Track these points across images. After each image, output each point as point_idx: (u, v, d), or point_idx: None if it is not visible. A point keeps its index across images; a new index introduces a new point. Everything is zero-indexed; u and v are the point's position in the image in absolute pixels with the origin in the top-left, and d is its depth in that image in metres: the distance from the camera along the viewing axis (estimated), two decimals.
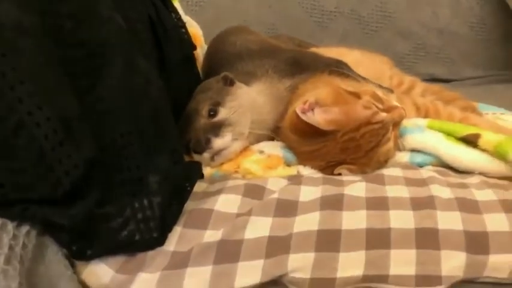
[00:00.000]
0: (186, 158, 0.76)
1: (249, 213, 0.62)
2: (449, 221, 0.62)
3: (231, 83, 0.82)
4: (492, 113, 1.12)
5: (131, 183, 0.56)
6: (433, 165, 0.79)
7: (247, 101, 0.80)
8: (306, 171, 0.77)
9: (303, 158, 0.79)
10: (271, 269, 0.57)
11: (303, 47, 1.27)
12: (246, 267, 0.57)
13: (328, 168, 0.76)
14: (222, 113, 0.77)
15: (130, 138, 0.56)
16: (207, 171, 0.75)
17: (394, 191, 0.66)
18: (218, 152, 0.74)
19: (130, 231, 0.55)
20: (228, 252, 0.58)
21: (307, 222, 0.61)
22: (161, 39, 0.81)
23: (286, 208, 0.63)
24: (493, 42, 1.72)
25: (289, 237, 0.59)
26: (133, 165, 0.56)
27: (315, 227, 0.60)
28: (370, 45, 1.68)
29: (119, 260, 0.57)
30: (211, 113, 0.77)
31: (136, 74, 0.58)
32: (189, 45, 1.04)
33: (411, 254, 0.59)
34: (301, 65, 0.92)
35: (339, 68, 0.93)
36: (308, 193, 0.66)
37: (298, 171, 0.77)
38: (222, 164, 0.76)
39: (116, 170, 0.55)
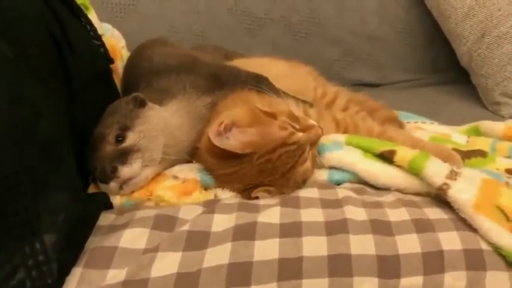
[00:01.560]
0: (93, 188, 0.72)
1: (156, 248, 0.59)
2: (362, 245, 0.61)
3: (142, 104, 0.78)
4: (414, 121, 1.14)
5: (20, 227, 0.51)
6: (351, 182, 0.79)
7: (160, 123, 0.76)
8: (225, 194, 0.75)
9: (221, 181, 0.76)
10: None
11: (230, 58, 1.25)
12: None
13: (247, 190, 0.74)
14: (130, 138, 0.73)
15: (17, 179, 0.51)
16: (116, 200, 0.71)
17: (309, 215, 0.65)
18: (126, 181, 0.70)
19: (19, 280, 0.50)
20: None
21: (218, 255, 0.58)
22: (66, 59, 0.76)
23: (197, 240, 0.60)
24: (419, 47, 1.77)
25: (198, 273, 0.56)
26: (22, 208, 0.51)
27: (225, 260, 0.58)
28: (300, 52, 1.69)
29: None
30: (119, 138, 0.72)
31: (22, 106, 0.53)
32: (105, 60, 1.00)
33: (323, 283, 0.58)
34: (220, 81, 0.90)
35: (258, 84, 0.92)
36: (221, 222, 0.63)
37: (215, 195, 0.74)
38: (132, 192, 0.72)
39: (1, 215, 0.50)
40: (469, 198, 0.68)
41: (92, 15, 1.11)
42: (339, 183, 0.79)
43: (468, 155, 0.91)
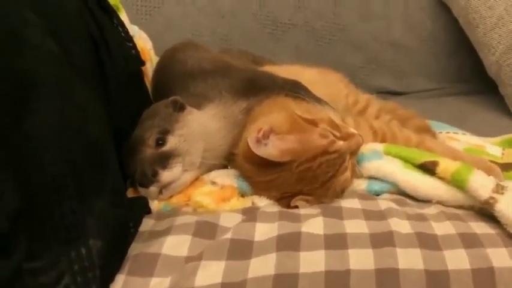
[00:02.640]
0: (131, 192, 0.70)
1: (200, 257, 0.57)
2: (410, 259, 0.59)
3: (181, 108, 0.77)
4: (446, 132, 1.12)
5: (66, 231, 0.50)
6: (390, 193, 0.77)
7: (199, 127, 0.75)
8: (262, 202, 0.73)
9: (258, 188, 0.74)
10: None
11: (256, 62, 1.24)
12: None
13: (284, 199, 0.73)
14: (171, 142, 0.72)
15: (64, 181, 0.50)
16: (154, 204, 0.69)
17: (353, 226, 0.63)
18: (166, 186, 0.69)
19: (65, 286, 0.49)
20: None
21: (263, 265, 0.57)
22: (103, 60, 0.75)
23: (240, 249, 0.58)
24: (443, 55, 1.75)
25: (244, 283, 0.55)
26: (68, 210, 0.50)
27: (271, 271, 0.56)
28: (324, 58, 1.68)
29: None
30: (159, 142, 0.71)
31: (71, 106, 0.52)
32: (137, 61, 0.99)
33: None
34: (256, 86, 0.88)
35: (296, 90, 0.90)
36: (263, 231, 0.61)
37: (253, 203, 0.73)
38: (170, 196, 0.70)
39: (47, 217, 0.49)
40: None
41: (123, 16, 1.10)
42: (377, 194, 0.77)
43: (505, 168, 0.88)
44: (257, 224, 0.63)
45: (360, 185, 0.78)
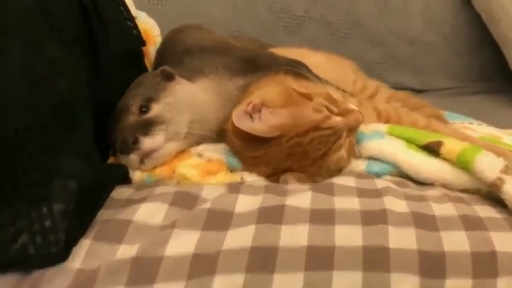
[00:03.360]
0: (113, 161, 0.67)
1: (173, 225, 0.53)
2: (402, 238, 0.54)
3: (170, 78, 0.73)
4: (460, 122, 1.06)
5: (27, 188, 0.47)
6: (391, 175, 0.72)
7: (187, 98, 0.72)
8: (251, 178, 0.69)
9: (247, 164, 0.71)
10: None
11: (265, 49, 1.20)
12: None
13: (275, 175, 0.69)
14: (155, 110, 0.68)
15: (28, 134, 0.47)
16: (136, 175, 0.66)
17: (343, 203, 0.58)
18: (148, 154, 0.65)
19: (22, 244, 0.46)
20: (143, 272, 0.49)
21: (240, 237, 0.52)
22: (95, 30, 0.73)
23: (218, 220, 0.54)
24: (465, 53, 1.68)
25: (217, 254, 0.51)
26: (31, 167, 0.47)
27: (248, 243, 0.52)
28: (339, 53, 1.61)
29: (10, 279, 0.48)
30: (143, 109, 0.68)
31: (40, 60, 0.49)
32: (137, 41, 0.96)
33: (357, 276, 0.51)
34: (255, 64, 0.85)
35: (296, 68, 0.86)
36: (246, 203, 0.57)
37: (241, 178, 0.69)
38: (154, 168, 0.67)
39: (8, 172, 0.46)
40: None
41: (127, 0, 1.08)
42: (377, 176, 0.72)
43: None
44: (240, 196, 0.58)
45: (359, 165, 0.73)
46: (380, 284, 0.51)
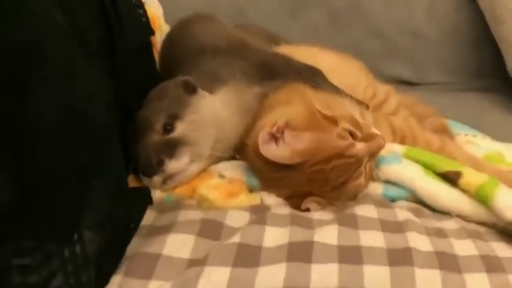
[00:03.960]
0: (132, 179, 0.65)
1: (204, 261, 0.52)
2: (428, 281, 0.55)
3: (193, 91, 0.71)
4: (464, 134, 1.07)
5: (61, 227, 0.45)
6: (407, 200, 0.73)
7: (211, 114, 0.70)
8: (270, 199, 0.68)
9: (267, 185, 0.70)
10: None
11: (272, 40, 1.17)
12: None
13: (294, 198, 0.68)
14: (180, 129, 0.66)
15: (62, 173, 0.44)
16: (156, 194, 0.64)
17: (369, 239, 0.59)
18: (171, 176, 0.63)
19: (57, 286, 0.44)
20: None
21: (271, 276, 0.52)
22: (114, 29, 0.69)
23: (248, 256, 0.54)
24: (465, 48, 1.67)
25: None
26: (64, 206, 0.45)
27: (279, 283, 0.51)
28: (341, 41, 1.60)
29: None
30: (167, 127, 0.65)
31: (77, 88, 0.46)
32: (146, 30, 0.92)
33: None
34: (272, 70, 0.82)
35: (314, 78, 0.84)
36: (274, 236, 0.57)
37: (262, 200, 0.68)
38: (174, 187, 0.65)
39: (41, 211, 0.44)
40: None
41: None
42: (392, 200, 0.73)
43: None
44: (267, 228, 0.58)
45: (376, 189, 0.73)
46: None
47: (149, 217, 0.59)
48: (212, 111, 0.70)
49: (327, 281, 0.52)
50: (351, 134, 0.68)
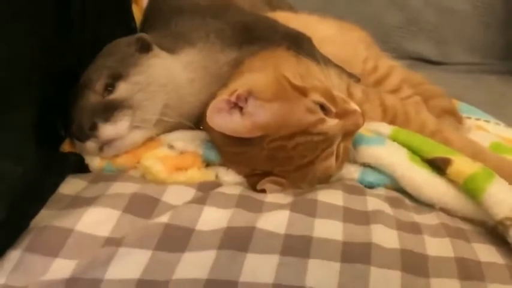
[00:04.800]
0: (67, 144, 0.59)
1: (121, 241, 0.46)
2: (384, 284, 0.47)
3: (147, 49, 0.63)
4: (476, 118, 0.96)
5: None
6: (387, 187, 0.64)
7: (163, 76, 0.61)
8: (228, 176, 0.61)
9: (226, 159, 0.62)
10: None
11: (274, 6, 1.07)
12: None
13: (255, 176, 0.60)
14: (122, 90, 0.59)
15: None
16: (95, 161, 0.58)
17: (324, 229, 0.50)
18: (108, 142, 0.56)
19: None
20: None
21: (196, 265, 0.45)
22: None
23: (175, 239, 0.47)
24: (494, 27, 1.53)
25: (165, 285, 0.43)
26: None
27: (203, 274, 0.44)
28: (357, 13, 1.49)
29: None
30: (109, 88, 0.58)
31: None
32: None
33: None
34: (253, 34, 0.74)
35: (298, 44, 0.76)
36: (211, 219, 0.50)
37: (216, 176, 0.60)
38: (116, 155, 0.58)
39: None
40: None
41: None
42: (371, 186, 0.64)
43: None
44: (205, 208, 0.50)
45: (352, 173, 0.65)
46: None
47: (76, 187, 0.52)
48: (166, 72, 0.62)
49: (260, 275, 0.45)
50: (323, 108, 0.59)
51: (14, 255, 0.44)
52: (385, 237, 0.51)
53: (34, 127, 0.48)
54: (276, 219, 0.50)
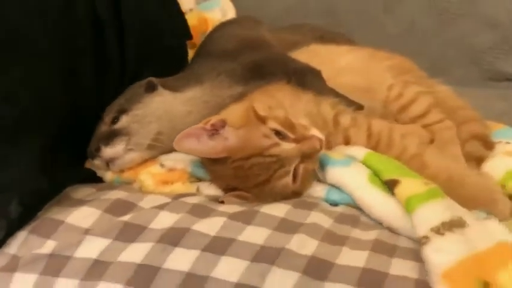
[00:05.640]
0: (88, 163, 0.79)
1: (91, 231, 0.63)
2: (281, 282, 0.55)
3: (153, 89, 0.80)
4: (506, 141, 0.90)
5: None
6: (350, 206, 0.71)
7: (159, 109, 0.78)
8: (208, 190, 0.75)
9: (210, 176, 0.76)
10: None
11: (327, 40, 1.16)
12: (62, 284, 0.59)
13: (228, 190, 0.73)
14: (123, 121, 0.77)
15: None
16: (108, 175, 0.77)
17: (250, 234, 0.61)
18: (111, 161, 0.75)
19: None
20: (53, 267, 0.60)
21: (135, 252, 0.60)
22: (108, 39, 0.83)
23: (130, 233, 0.62)
24: None
25: (109, 264, 0.59)
26: None
27: (137, 259, 0.59)
28: (444, 35, 1.48)
29: None
30: (115, 120, 0.77)
31: None
32: (180, 35, 1.03)
33: None
34: (260, 70, 0.86)
35: (301, 78, 0.86)
36: (163, 220, 0.64)
37: (197, 189, 0.75)
38: (123, 171, 0.77)
39: None
40: (442, 262, 0.54)
41: None
42: (336, 205, 0.71)
43: None
44: (161, 212, 0.65)
45: (318, 191, 0.73)
46: None
47: (84, 193, 0.72)
48: (163, 107, 0.78)
49: (180, 264, 0.58)
50: (281, 134, 0.70)
51: (21, 234, 0.64)
52: (301, 244, 0.59)
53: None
54: (211, 223, 0.63)
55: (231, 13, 1.33)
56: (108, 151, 0.74)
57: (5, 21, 0.65)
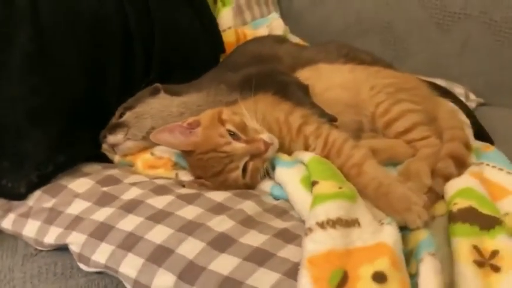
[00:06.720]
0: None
1: (79, 195, 0.85)
2: (191, 246, 0.71)
3: (157, 93, 1.00)
4: (492, 165, 0.92)
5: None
6: (288, 201, 0.83)
7: (157, 109, 0.97)
8: (185, 177, 0.92)
9: (187, 166, 0.93)
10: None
11: (350, 58, 1.23)
12: (53, 231, 0.82)
13: (197, 178, 0.89)
14: (126, 116, 0.97)
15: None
16: (116, 158, 0.99)
17: (185, 211, 0.77)
18: (115, 146, 0.96)
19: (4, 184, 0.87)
20: (51, 218, 0.83)
21: (101, 214, 0.80)
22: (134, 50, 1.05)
23: (104, 200, 0.83)
24: None
25: (83, 220, 0.80)
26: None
27: (101, 219, 0.79)
28: (500, 56, 1.46)
29: None
30: (122, 115, 0.98)
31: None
32: (214, 47, 1.22)
33: None
34: (250, 82, 1.00)
35: (285, 90, 0.99)
36: (131, 193, 0.83)
37: (176, 175, 0.92)
38: (126, 155, 0.98)
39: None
40: (312, 250, 0.64)
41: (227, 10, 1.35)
42: (278, 199, 0.84)
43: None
44: (133, 188, 0.84)
45: (266, 186, 0.86)
46: None
47: (93, 168, 0.94)
48: (159, 107, 0.97)
49: (126, 226, 0.77)
50: (234, 135, 0.85)
51: (37, 193, 0.89)
52: (219, 223, 0.74)
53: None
54: (162, 200, 0.80)
55: (278, 31, 1.47)
56: (111, 138, 0.96)
57: (40, 31, 0.89)
